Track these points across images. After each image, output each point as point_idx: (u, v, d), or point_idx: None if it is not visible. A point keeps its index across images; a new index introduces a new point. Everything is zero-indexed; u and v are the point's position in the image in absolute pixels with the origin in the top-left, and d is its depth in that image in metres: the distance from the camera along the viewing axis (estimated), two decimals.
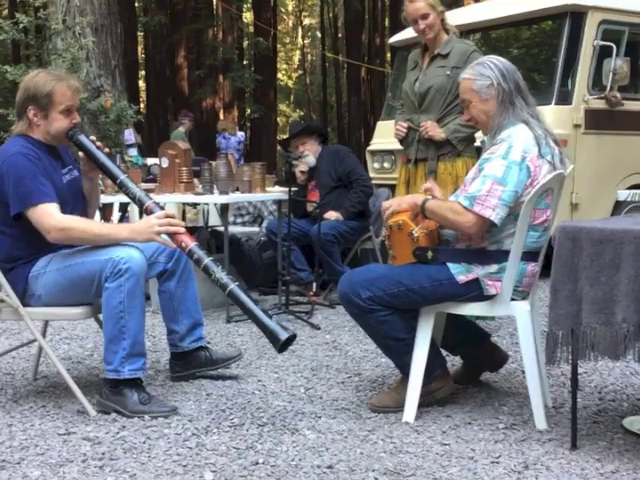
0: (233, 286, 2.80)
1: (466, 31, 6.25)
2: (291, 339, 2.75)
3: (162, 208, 2.98)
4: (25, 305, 2.94)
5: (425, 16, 3.94)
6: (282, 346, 2.74)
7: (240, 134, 12.32)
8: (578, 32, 5.90)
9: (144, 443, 2.57)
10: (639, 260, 2.19)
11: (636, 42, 6.19)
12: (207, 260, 2.83)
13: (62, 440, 2.61)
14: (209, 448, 2.53)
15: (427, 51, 4.10)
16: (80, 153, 3.06)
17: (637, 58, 6.20)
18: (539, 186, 2.62)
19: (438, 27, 3.99)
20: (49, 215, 2.84)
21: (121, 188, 3.03)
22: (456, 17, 6.19)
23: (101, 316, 2.94)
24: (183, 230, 2.90)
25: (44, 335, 3.36)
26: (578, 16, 5.91)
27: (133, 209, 5.81)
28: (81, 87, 3.12)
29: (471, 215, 2.63)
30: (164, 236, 2.89)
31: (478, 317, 3.85)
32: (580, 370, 3.22)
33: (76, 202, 3.06)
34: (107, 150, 3.11)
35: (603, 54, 5.88)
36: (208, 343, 3.42)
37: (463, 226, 2.67)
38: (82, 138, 3.01)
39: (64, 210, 2.89)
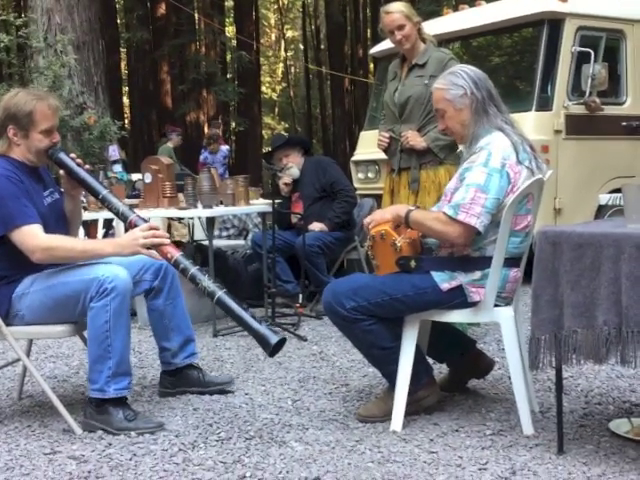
0: (221, 293, 2.80)
1: (446, 40, 6.30)
2: (281, 343, 2.75)
3: (146, 221, 2.98)
4: (8, 324, 2.92)
5: (401, 27, 3.97)
6: (273, 350, 2.73)
7: (225, 147, 12.33)
8: (556, 39, 5.96)
9: (130, 460, 2.56)
10: (618, 263, 2.21)
11: (614, 47, 6.26)
12: (193, 269, 2.83)
13: (48, 460, 2.59)
14: (196, 463, 2.51)
15: (405, 61, 4.13)
16: (61, 171, 3.06)
17: (615, 63, 6.26)
18: (519, 192, 2.64)
19: (415, 37, 4.02)
20: (33, 236, 2.83)
21: (104, 203, 3.03)
22: (436, 26, 6.25)
23: (86, 333, 2.92)
24: (168, 241, 2.90)
25: (29, 354, 3.34)
26: (555, 23, 5.97)
27: (118, 225, 5.79)
28: (61, 106, 3.11)
29: (457, 225, 2.64)
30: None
31: (470, 324, 3.87)
32: (566, 374, 3.23)
33: (58, 224, 3.05)
34: (88, 167, 3.11)
35: (581, 60, 5.94)
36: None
37: (450, 236, 2.68)
38: (62, 156, 3.00)
39: (46, 232, 2.88)
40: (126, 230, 3.01)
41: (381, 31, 4.16)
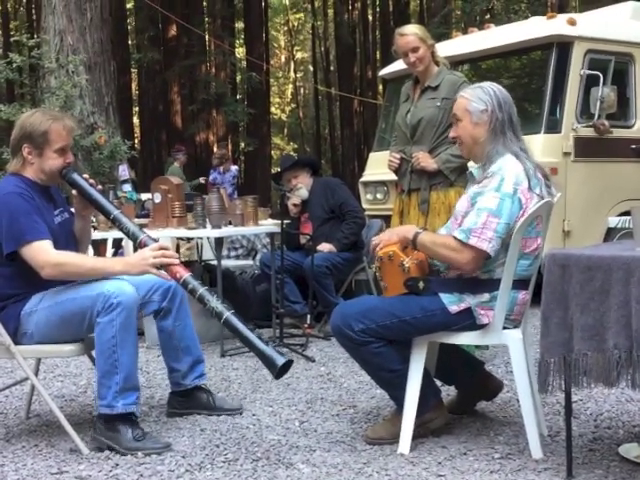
0: (228, 314, 2.80)
1: (455, 62, 6.33)
2: (288, 365, 2.74)
3: (156, 241, 2.99)
4: (17, 343, 2.93)
5: (415, 49, 3.99)
6: (279, 372, 2.72)
7: (234, 168, 12.38)
8: (565, 62, 5.98)
9: None
10: (628, 286, 2.20)
11: (622, 71, 6.27)
12: (202, 290, 2.84)
13: (54, 479, 2.58)
14: None
15: (418, 83, 4.14)
16: (73, 191, 3.08)
17: (624, 86, 6.27)
18: (527, 214, 2.64)
19: (428, 60, 4.04)
20: (44, 251, 2.84)
21: (115, 223, 3.05)
22: (445, 49, 6.28)
23: (93, 352, 2.93)
24: (177, 261, 2.91)
25: (37, 373, 3.35)
26: (564, 46, 6.00)
27: (128, 244, 5.81)
28: (76, 126, 3.15)
29: (467, 252, 2.63)
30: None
31: (477, 347, 3.85)
32: (575, 398, 3.21)
33: (68, 243, 3.06)
34: (100, 187, 3.14)
35: (590, 83, 5.96)
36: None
37: (459, 263, 2.67)
38: (75, 176, 3.03)
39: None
40: (135, 250, 3.03)
41: (395, 52, 4.17)
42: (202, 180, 11.88)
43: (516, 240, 2.63)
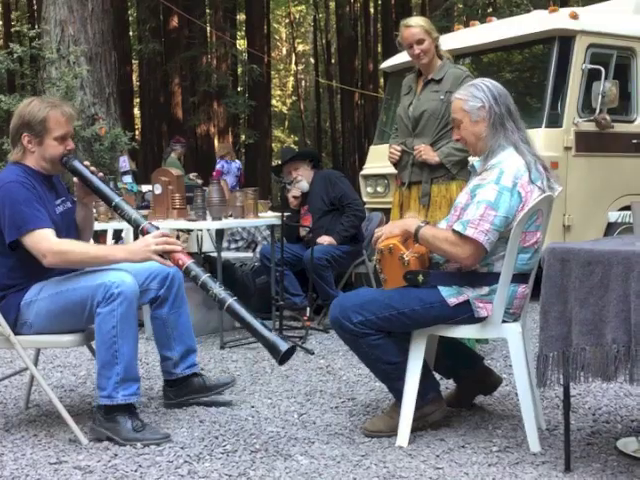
0: (231, 301, 2.79)
1: (457, 55, 6.32)
2: (291, 351, 2.73)
3: (157, 228, 2.98)
4: (17, 333, 2.93)
5: (420, 41, 3.98)
6: (282, 358, 2.72)
7: (238, 162, 12.37)
8: (567, 56, 5.96)
9: (136, 471, 2.55)
10: (627, 281, 2.20)
11: (624, 65, 6.26)
12: (204, 277, 2.83)
13: (53, 469, 2.59)
14: (201, 475, 2.51)
15: (421, 76, 4.14)
16: (75, 179, 3.08)
17: (626, 81, 6.26)
18: (528, 208, 2.64)
19: (432, 52, 4.03)
20: (46, 240, 2.84)
21: (117, 210, 3.04)
22: (447, 42, 6.26)
23: (93, 343, 2.93)
24: (180, 248, 2.90)
25: (36, 363, 3.35)
26: (566, 40, 5.98)
27: (128, 235, 5.82)
28: (75, 114, 3.13)
29: (467, 246, 2.64)
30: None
31: (477, 341, 3.86)
32: (574, 392, 3.22)
33: (69, 232, 3.06)
34: (101, 174, 3.13)
35: (592, 77, 5.95)
36: (202, 369, 3.40)
37: (459, 257, 2.68)
38: (76, 164, 3.02)
39: None
40: (136, 238, 3.02)
41: (399, 44, 4.16)
42: (192, 176, 11.84)
43: (516, 234, 2.63)
